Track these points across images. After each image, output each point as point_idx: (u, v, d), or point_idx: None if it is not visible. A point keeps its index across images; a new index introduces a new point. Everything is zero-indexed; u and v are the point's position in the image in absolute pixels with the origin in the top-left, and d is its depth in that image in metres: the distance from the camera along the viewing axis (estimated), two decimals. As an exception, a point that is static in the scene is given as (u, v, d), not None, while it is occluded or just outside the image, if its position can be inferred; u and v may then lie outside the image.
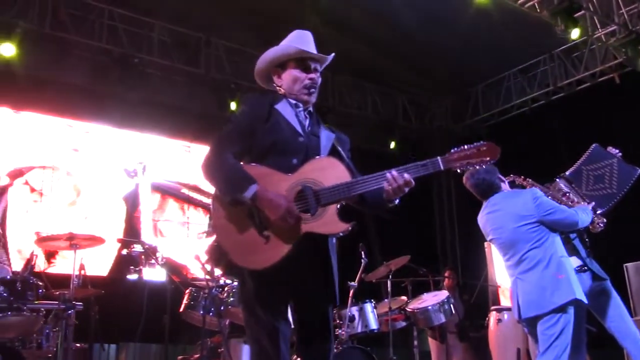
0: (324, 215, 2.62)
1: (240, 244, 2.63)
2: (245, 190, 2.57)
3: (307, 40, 2.93)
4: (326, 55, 2.91)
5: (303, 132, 2.80)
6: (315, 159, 2.72)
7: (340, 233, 2.65)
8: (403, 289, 6.30)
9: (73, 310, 4.84)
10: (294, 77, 2.86)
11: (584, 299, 3.86)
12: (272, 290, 2.63)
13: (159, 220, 8.16)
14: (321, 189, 2.63)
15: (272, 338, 2.62)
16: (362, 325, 5.64)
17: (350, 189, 2.63)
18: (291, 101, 2.86)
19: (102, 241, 5.26)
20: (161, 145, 8.54)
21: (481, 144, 2.69)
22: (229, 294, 5.25)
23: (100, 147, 7.98)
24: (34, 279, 4.73)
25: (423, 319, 5.81)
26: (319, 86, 2.90)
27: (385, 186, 2.62)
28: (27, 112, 7.56)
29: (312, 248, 2.64)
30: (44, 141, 7.58)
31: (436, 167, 2.65)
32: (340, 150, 2.83)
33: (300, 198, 2.63)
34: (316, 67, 2.89)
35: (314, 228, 2.62)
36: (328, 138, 2.85)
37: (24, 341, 4.67)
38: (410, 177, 2.62)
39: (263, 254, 2.59)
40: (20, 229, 7.13)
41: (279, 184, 2.65)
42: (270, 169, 2.68)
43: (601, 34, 8.01)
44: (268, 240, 2.59)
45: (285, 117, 2.79)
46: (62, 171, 7.63)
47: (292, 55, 2.87)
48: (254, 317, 2.67)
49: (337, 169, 2.68)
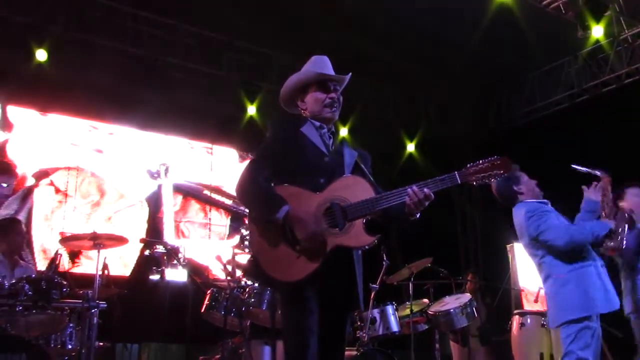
0: (351, 229, 2.83)
1: (274, 258, 2.85)
2: (278, 212, 2.80)
3: (325, 64, 3.17)
4: (344, 76, 3.13)
5: (328, 152, 3.03)
6: (342, 178, 2.93)
7: (367, 246, 2.85)
8: (425, 291, 6.27)
9: (97, 309, 4.88)
10: (315, 98, 3.09)
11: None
12: (306, 298, 2.82)
13: (181, 221, 8.22)
14: (348, 205, 2.84)
15: (304, 339, 2.79)
16: (384, 328, 5.61)
17: (375, 205, 2.83)
18: (315, 123, 3.08)
19: (125, 241, 5.30)
20: (183, 146, 8.60)
21: (495, 159, 2.88)
22: (250, 295, 5.25)
23: (124, 148, 8.07)
24: (58, 278, 4.76)
25: (445, 322, 5.76)
26: (340, 104, 3.12)
27: (407, 201, 2.82)
28: (53, 114, 7.67)
29: (340, 260, 2.84)
30: (69, 143, 7.68)
31: (454, 182, 2.85)
32: (363, 168, 3.04)
33: (328, 214, 2.84)
34: (336, 87, 3.12)
35: (342, 242, 2.82)
36: (351, 156, 3.07)
37: (48, 339, 4.71)
38: (430, 192, 2.82)
39: (296, 267, 2.80)
40: (45, 229, 7.23)
41: (308, 202, 2.86)
42: (299, 189, 2.90)
43: (627, 35, 7.91)
44: (300, 255, 2.80)
45: (311, 139, 3.02)
46: (87, 172, 7.72)
47: (312, 79, 3.11)
48: (290, 319, 2.88)
49: (362, 186, 2.89)
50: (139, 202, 7.98)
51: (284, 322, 2.94)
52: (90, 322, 4.81)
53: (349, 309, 3.05)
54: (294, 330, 2.84)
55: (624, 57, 8.27)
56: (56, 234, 7.07)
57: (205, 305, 5.39)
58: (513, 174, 4.26)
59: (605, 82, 8.56)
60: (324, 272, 2.78)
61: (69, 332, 4.72)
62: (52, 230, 7.22)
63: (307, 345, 2.77)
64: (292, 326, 2.85)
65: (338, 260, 2.82)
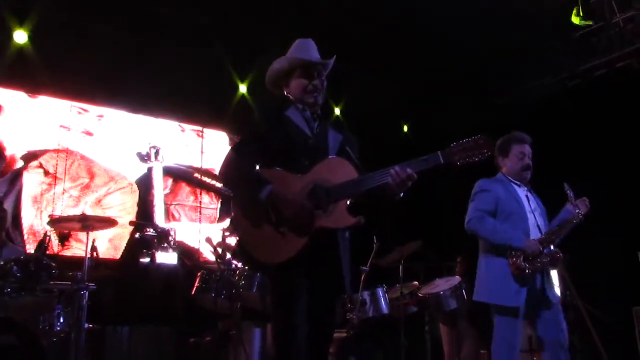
0: (334, 211, 2.86)
1: (259, 240, 2.88)
2: (261, 191, 2.81)
3: (309, 48, 3.20)
4: (327, 60, 3.16)
5: (312, 135, 3.06)
6: (325, 160, 2.97)
7: (350, 227, 2.88)
8: (415, 274, 6.29)
9: (86, 291, 4.87)
10: (298, 84, 3.13)
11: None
12: (292, 283, 2.84)
13: (171, 204, 8.19)
14: (331, 187, 2.87)
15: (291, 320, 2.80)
16: (374, 310, 5.65)
17: (358, 186, 2.86)
18: (299, 106, 3.12)
19: (114, 223, 5.28)
20: (174, 129, 8.56)
21: (478, 138, 2.90)
22: (240, 278, 5.26)
23: (114, 131, 8.02)
24: (47, 260, 4.75)
25: (435, 304, 5.79)
26: (324, 89, 3.16)
27: (389, 181, 2.83)
28: (42, 96, 7.60)
29: (324, 242, 2.86)
30: (58, 125, 7.62)
31: (437, 161, 2.86)
32: (348, 150, 3.07)
33: (312, 196, 2.87)
34: (320, 72, 3.15)
35: (326, 223, 2.84)
36: (335, 139, 3.11)
37: (36, 321, 4.70)
38: (412, 172, 2.82)
39: (280, 249, 2.82)
40: (34, 212, 7.19)
41: (292, 184, 2.90)
42: (283, 171, 2.93)
43: (619, 19, 7.89)
44: (284, 236, 2.82)
45: (295, 122, 3.06)
46: (76, 155, 7.67)
47: (296, 65, 3.14)
48: (278, 301, 2.89)
49: (346, 168, 2.93)
50: (129, 185, 7.94)
51: (272, 304, 2.95)
52: (79, 303, 4.80)
53: (335, 292, 3.06)
54: (281, 312, 2.84)
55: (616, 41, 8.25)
56: (45, 217, 7.02)
57: (196, 287, 5.39)
58: (506, 146, 4.30)
59: (596, 66, 8.55)
60: (309, 254, 2.79)
61: (57, 313, 4.70)
62: (41, 213, 7.18)
63: (295, 328, 2.77)
64: (280, 308, 2.86)
65: (322, 243, 2.83)
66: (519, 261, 3.95)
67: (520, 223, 4.09)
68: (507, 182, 4.26)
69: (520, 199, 4.17)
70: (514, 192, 4.19)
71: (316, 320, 2.90)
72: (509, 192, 4.19)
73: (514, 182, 4.26)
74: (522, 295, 3.95)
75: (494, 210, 4.16)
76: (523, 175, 4.26)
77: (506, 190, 4.20)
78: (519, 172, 4.25)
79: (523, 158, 4.25)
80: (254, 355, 5.22)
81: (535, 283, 4.02)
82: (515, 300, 3.95)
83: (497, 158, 4.35)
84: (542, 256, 3.96)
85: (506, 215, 4.13)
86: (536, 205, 4.25)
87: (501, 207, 4.15)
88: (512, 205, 4.14)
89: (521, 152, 4.26)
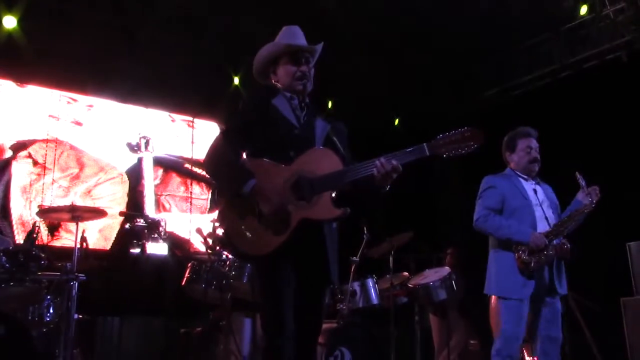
0: (318, 202, 2.83)
1: (243, 232, 2.86)
2: (244, 186, 2.80)
3: (296, 34, 3.15)
4: (314, 46, 3.10)
5: (299, 125, 3.01)
6: (310, 150, 2.93)
7: (335, 218, 2.88)
8: (405, 265, 6.31)
9: (75, 281, 4.85)
10: (286, 71, 3.08)
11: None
12: (278, 270, 2.83)
13: (162, 195, 8.17)
14: (315, 178, 2.84)
15: (278, 309, 2.79)
16: (364, 301, 5.66)
17: (342, 177, 2.84)
18: (287, 94, 3.07)
19: (104, 214, 5.26)
20: (164, 119, 8.52)
21: (465, 130, 2.84)
22: (231, 268, 5.26)
23: (104, 121, 7.97)
24: (36, 250, 4.73)
25: (424, 295, 5.81)
26: (312, 76, 3.10)
27: (374, 173, 2.80)
28: (31, 85, 7.54)
29: (310, 233, 2.84)
30: (47, 115, 7.57)
31: (422, 153, 2.82)
32: (335, 141, 3.01)
33: (296, 187, 2.84)
34: (308, 59, 3.10)
35: (309, 215, 2.82)
36: (323, 129, 3.06)
37: (26, 312, 4.69)
38: (397, 164, 2.79)
39: (264, 241, 2.81)
40: (23, 202, 7.15)
41: (276, 176, 2.87)
42: (268, 162, 2.91)
43: (609, 11, 7.90)
44: (267, 228, 2.80)
45: (282, 112, 3.01)
46: (66, 145, 7.63)
47: (283, 51, 3.08)
48: (265, 291, 2.88)
49: (330, 159, 2.89)
50: (119, 176, 7.91)
51: (260, 295, 2.95)
52: (69, 294, 4.79)
53: (323, 283, 3.04)
54: (269, 303, 2.84)
55: (606, 33, 8.27)
56: (35, 207, 6.99)
57: (186, 278, 5.38)
58: (512, 142, 4.35)
59: (586, 58, 8.57)
60: (294, 245, 2.79)
61: (46, 304, 4.69)
62: (30, 204, 7.14)
63: (283, 318, 2.77)
64: (268, 299, 2.85)
65: (308, 234, 2.83)
66: (524, 255, 4.01)
67: (527, 217, 4.14)
68: (514, 176, 4.31)
69: (526, 192, 4.22)
70: (520, 186, 4.24)
71: (304, 311, 2.89)
72: (514, 186, 4.24)
73: (522, 176, 4.31)
74: (529, 289, 4.02)
75: (501, 206, 4.22)
76: (530, 169, 4.30)
77: (512, 185, 4.25)
78: (526, 166, 4.30)
79: (530, 152, 4.30)
80: (244, 345, 5.23)
81: (543, 276, 4.07)
82: (521, 293, 4.01)
83: (505, 154, 4.43)
84: (549, 249, 4.00)
85: (512, 210, 4.19)
86: (544, 198, 4.28)
87: (507, 202, 4.20)
88: (517, 200, 4.19)
89: (528, 145, 4.32)
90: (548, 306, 4.11)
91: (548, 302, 4.11)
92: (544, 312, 4.10)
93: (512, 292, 4.04)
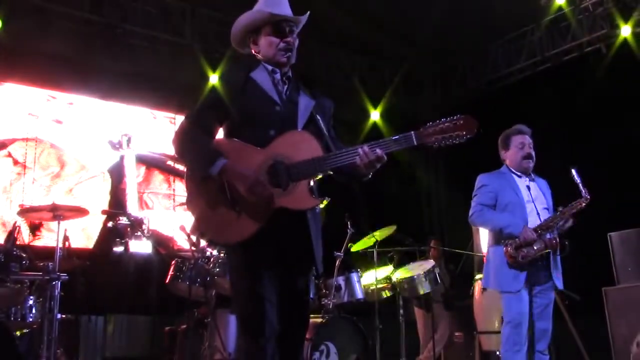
0: (295, 190, 2.60)
1: (213, 219, 2.63)
2: (212, 166, 2.55)
3: (280, 1, 2.84)
4: (300, 17, 2.84)
5: (280, 101, 2.75)
6: (288, 133, 2.67)
7: (311, 208, 2.67)
8: (389, 259, 6.33)
9: (58, 281, 4.81)
10: (269, 42, 2.79)
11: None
12: (256, 261, 2.61)
13: (144, 192, 8.12)
14: (292, 165, 2.60)
15: (258, 305, 2.58)
16: (348, 295, 5.67)
17: (321, 165, 2.61)
18: (268, 67, 2.80)
19: (85, 212, 5.22)
20: (146, 116, 8.46)
21: (457, 118, 2.63)
22: (215, 265, 5.26)
23: (84, 118, 7.89)
24: (17, 250, 4.69)
25: (409, 288, 5.84)
26: (296, 48, 2.84)
27: (357, 161, 2.60)
28: (9, 83, 7.45)
29: (289, 221, 2.62)
30: (26, 113, 7.48)
31: (409, 142, 2.61)
32: (318, 119, 2.76)
33: (272, 173, 2.60)
34: (292, 29, 2.82)
35: (285, 203, 2.60)
36: (307, 106, 2.79)
37: (7, 312, 4.65)
38: (382, 153, 2.59)
39: (237, 228, 2.59)
40: (3, 202, 7.08)
41: (250, 158, 2.62)
42: (242, 144, 2.66)
43: (588, 4, 7.97)
44: (240, 216, 2.58)
45: (261, 86, 2.74)
46: (46, 143, 7.55)
47: (266, 20, 2.80)
48: (240, 286, 2.68)
49: (309, 144, 2.65)
50: (101, 174, 7.84)
51: (233, 289, 2.76)
52: (51, 294, 4.75)
53: (307, 271, 2.79)
54: (244, 297, 2.64)
55: (585, 25, 8.34)
56: (15, 207, 6.92)
57: (170, 275, 5.37)
58: (506, 140, 4.41)
59: (566, 50, 8.64)
60: (273, 233, 2.58)
61: (29, 304, 4.66)
62: (11, 203, 7.07)
63: (261, 313, 2.56)
64: (242, 293, 2.65)
65: (289, 220, 2.61)
66: (511, 249, 4.10)
67: (519, 212, 4.24)
68: (508, 173, 4.41)
69: (518, 189, 4.31)
70: (512, 182, 4.34)
71: (288, 305, 2.69)
72: (507, 183, 4.34)
73: (515, 173, 4.39)
74: (520, 281, 4.11)
75: (494, 202, 4.34)
76: (524, 165, 4.38)
77: (505, 182, 4.35)
78: (520, 162, 4.38)
79: (523, 147, 4.37)
80: (229, 342, 5.22)
81: (538, 268, 4.16)
82: (513, 285, 4.12)
83: (500, 152, 4.51)
84: (537, 243, 4.07)
85: (504, 205, 4.30)
86: (538, 194, 4.36)
87: (499, 198, 4.32)
88: (509, 196, 4.29)
89: (521, 142, 4.39)
90: (541, 298, 4.19)
91: (542, 294, 4.20)
92: (536, 303, 4.18)
93: (505, 285, 4.16)
